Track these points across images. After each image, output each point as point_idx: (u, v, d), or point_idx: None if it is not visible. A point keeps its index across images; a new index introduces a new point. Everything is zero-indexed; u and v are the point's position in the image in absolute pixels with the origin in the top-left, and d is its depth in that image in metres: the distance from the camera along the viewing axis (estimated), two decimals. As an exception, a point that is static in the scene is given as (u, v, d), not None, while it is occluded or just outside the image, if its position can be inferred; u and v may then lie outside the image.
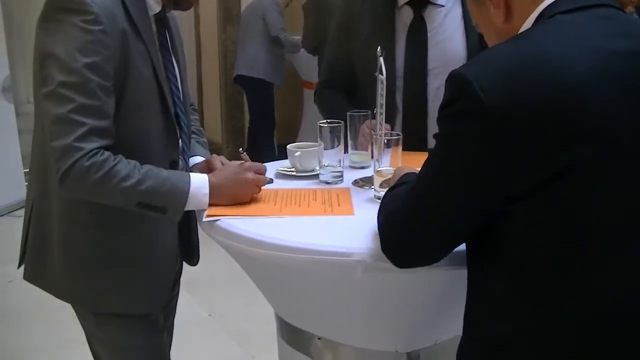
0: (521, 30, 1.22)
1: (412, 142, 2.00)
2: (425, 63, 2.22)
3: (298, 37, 5.91)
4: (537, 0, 1.22)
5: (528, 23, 1.22)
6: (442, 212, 1.21)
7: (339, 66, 2.40)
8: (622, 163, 1.12)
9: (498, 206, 1.15)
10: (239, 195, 1.71)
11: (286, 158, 2.06)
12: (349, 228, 1.55)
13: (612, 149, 1.11)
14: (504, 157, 1.10)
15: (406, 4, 2.25)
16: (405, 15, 2.26)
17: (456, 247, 1.28)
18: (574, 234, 1.12)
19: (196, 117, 2.14)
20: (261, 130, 6.29)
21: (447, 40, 2.22)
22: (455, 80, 1.14)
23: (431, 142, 2.22)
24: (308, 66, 6.15)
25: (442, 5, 2.24)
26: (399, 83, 2.24)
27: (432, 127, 2.24)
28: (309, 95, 6.47)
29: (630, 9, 6.54)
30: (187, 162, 1.89)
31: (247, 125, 6.79)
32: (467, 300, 1.30)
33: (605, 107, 1.10)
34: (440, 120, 1.19)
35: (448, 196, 1.19)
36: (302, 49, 5.90)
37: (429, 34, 2.23)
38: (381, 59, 1.74)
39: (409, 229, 1.26)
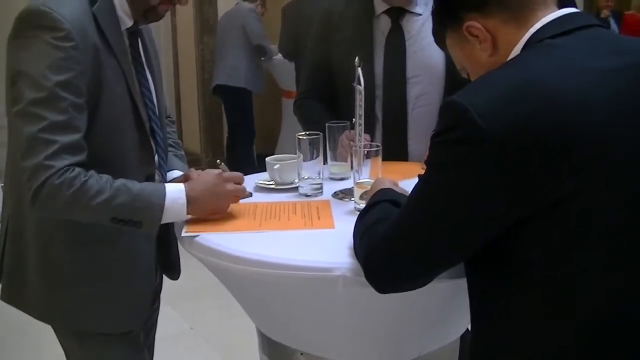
0: (509, 58, 1.22)
1: (392, 151, 1.99)
2: (404, 72, 2.22)
3: (274, 46, 5.92)
4: (522, 28, 1.21)
5: (515, 51, 1.21)
6: (437, 240, 1.18)
7: (318, 76, 2.38)
8: (625, 174, 1.12)
9: (499, 230, 1.13)
10: (217, 208, 1.69)
11: (265, 169, 2.04)
12: (330, 242, 1.54)
13: (614, 163, 1.10)
14: (507, 182, 1.08)
15: (384, 12, 2.24)
16: (383, 24, 2.25)
17: (446, 270, 1.27)
18: (580, 243, 1.11)
19: (173, 130, 2.11)
20: (240, 140, 6.27)
21: (426, 48, 2.20)
22: (450, 107, 1.13)
23: (412, 152, 2.23)
24: (286, 75, 6.15)
25: (420, 14, 2.23)
26: (379, 92, 2.23)
27: (412, 136, 2.23)
28: (287, 104, 6.46)
29: (605, 12, 6.59)
30: (164, 177, 1.87)
31: (225, 135, 6.77)
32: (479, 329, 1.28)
33: (604, 124, 1.09)
34: (434, 147, 1.17)
35: (444, 223, 1.16)
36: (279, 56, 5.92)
37: (407, 43, 2.22)
38: (359, 69, 1.73)
39: (399, 257, 1.22)
